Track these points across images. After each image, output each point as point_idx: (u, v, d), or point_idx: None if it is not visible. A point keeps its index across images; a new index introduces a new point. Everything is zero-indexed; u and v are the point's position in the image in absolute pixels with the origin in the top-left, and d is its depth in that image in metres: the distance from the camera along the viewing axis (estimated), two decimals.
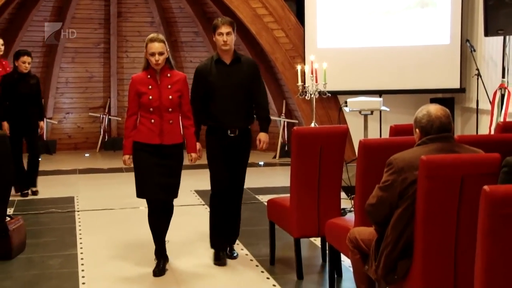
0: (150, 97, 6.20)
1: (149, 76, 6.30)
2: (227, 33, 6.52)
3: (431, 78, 11.50)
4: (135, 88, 6.29)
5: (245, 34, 12.74)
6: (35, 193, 10.35)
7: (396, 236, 4.58)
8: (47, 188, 10.85)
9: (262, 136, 6.97)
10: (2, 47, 10.45)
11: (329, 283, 6.08)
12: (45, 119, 13.65)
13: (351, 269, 5.49)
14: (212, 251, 6.95)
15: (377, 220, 4.78)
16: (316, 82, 9.71)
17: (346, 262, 6.14)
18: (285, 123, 13.21)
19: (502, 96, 9.86)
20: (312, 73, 9.74)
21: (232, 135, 6.66)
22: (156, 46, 6.18)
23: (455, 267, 4.44)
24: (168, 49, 6.36)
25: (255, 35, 12.30)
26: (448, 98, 11.56)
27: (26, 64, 9.72)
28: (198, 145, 6.63)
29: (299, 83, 10.05)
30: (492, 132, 9.25)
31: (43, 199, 10.06)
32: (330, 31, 11.88)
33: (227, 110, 6.62)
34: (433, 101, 10.63)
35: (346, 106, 9.82)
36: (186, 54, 14.60)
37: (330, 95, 10.59)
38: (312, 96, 9.87)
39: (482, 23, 10.32)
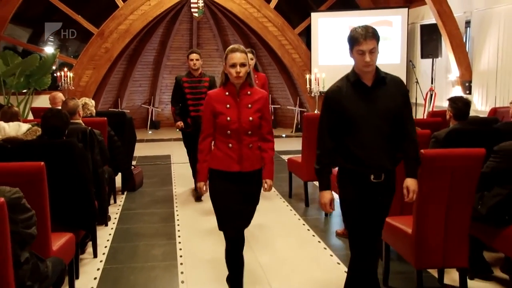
0: (228, 118, 3.54)
1: (227, 93, 3.61)
2: (371, 51, 3.15)
3: None
4: (211, 106, 3.61)
5: (275, 56, 12.67)
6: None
7: None
8: (155, 149, 10.93)
9: (412, 184, 3.35)
10: None
11: None
12: (153, 108, 13.92)
13: (338, 200, 5.48)
14: None
15: None
16: (318, 85, 9.68)
17: (335, 196, 6.12)
18: (299, 111, 13.10)
19: (431, 95, 9.92)
20: (315, 80, 9.71)
21: (376, 181, 3.26)
22: (238, 57, 3.59)
23: (401, 208, 4.40)
24: (250, 63, 3.76)
25: (280, 57, 12.23)
26: None
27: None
28: (328, 194, 3.45)
29: (307, 86, 10.03)
30: (425, 117, 9.26)
31: (152, 156, 10.11)
32: (327, 54, 11.75)
33: (370, 147, 3.23)
34: None
35: None
36: None
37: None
38: (315, 94, 9.83)
39: (419, 50, 10.27)
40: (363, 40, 3.13)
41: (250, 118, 3.58)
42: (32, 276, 2.78)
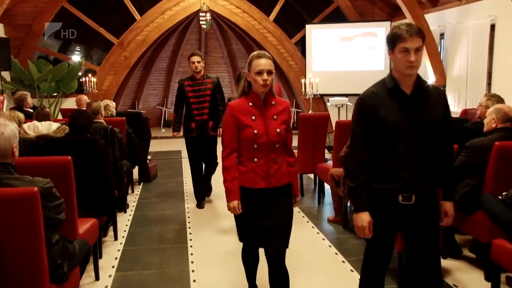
0: (255, 131, 2.85)
1: (251, 104, 2.90)
2: (417, 50, 2.43)
3: None
4: (235, 118, 2.88)
5: (274, 62, 12.55)
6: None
7: None
8: (167, 145, 10.94)
9: (450, 209, 2.62)
10: None
11: (318, 197, 6.17)
12: (166, 109, 13.92)
13: (330, 190, 5.50)
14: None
15: (344, 164, 4.78)
16: (312, 89, 9.66)
17: (327, 187, 6.14)
18: (295, 111, 13.10)
19: None
20: (309, 84, 9.69)
21: (405, 203, 2.47)
22: (264, 63, 2.88)
23: None
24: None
25: (279, 64, 12.21)
26: None
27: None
28: (367, 216, 2.50)
29: (303, 89, 10.02)
30: None
31: (165, 151, 10.13)
32: (320, 61, 11.74)
33: (403, 163, 2.45)
34: None
35: (328, 102, 9.81)
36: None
37: (319, 96, 10.52)
38: (309, 96, 9.83)
39: None
40: (408, 36, 2.41)
41: (278, 130, 2.90)
42: (62, 255, 2.81)
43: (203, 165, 6.03)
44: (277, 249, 2.96)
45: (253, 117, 2.89)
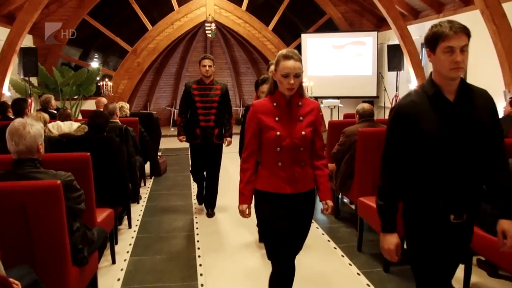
0: (278, 133, 2.45)
1: (275, 104, 2.49)
2: (462, 49, 1.91)
3: (363, 90, 11.34)
4: (257, 118, 2.49)
5: None
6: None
7: (345, 168, 4.61)
8: (176, 142, 10.83)
9: (510, 228, 1.96)
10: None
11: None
12: (174, 110, 13.90)
13: None
14: None
15: (337, 160, 4.79)
16: (307, 91, 9.67)
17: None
18: None
19: (396, 100, 9.87)
20: (305, 87, 9.69)
21: (457, 221, 1.95)
22: (292, 66, 2.44)
23: (373, 182, 4.37)
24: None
25: None
26: (371, 100, 11.38)
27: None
28: (394, 238, 2.04)
29: None
30: None
31: (174, 148, 10.07)
32: (314, 67, 11.73)
33: (451, 178, 1.92)
34: (364, 101, 10.50)
35: (322, 104, 9.80)
36: (243, 79, 14.50)
37: (314, 98, 10.50)
38: None
39: (387, 64, 10.28)
40: (453, 34, 1.90)
41: (303, 133, 2.47)
42: (82, 241, 2.82)
43: (205, 173, 5.34)
44: (293, 257, 2.66)
45: (277, 118, 2.48)
